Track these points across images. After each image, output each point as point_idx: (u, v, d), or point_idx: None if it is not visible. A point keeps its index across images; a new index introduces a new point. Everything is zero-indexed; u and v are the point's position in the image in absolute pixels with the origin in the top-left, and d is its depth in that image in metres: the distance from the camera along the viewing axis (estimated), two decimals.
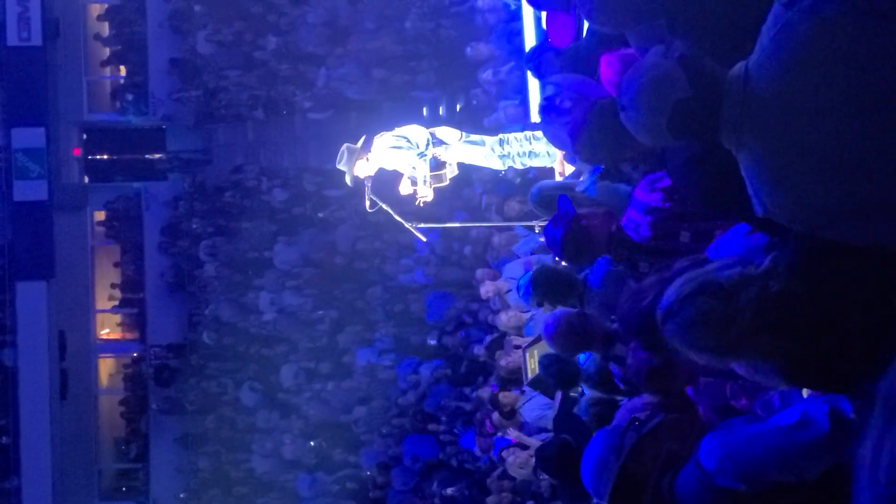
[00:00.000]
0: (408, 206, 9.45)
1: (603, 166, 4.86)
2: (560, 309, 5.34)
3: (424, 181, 8.82)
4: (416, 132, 8.88)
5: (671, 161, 3.65)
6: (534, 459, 10.15)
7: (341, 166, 8.97)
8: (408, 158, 8.78)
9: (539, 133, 8.66)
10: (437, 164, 8.94)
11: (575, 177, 6.73)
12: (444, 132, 9.04)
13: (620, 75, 4.53)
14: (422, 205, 9.02)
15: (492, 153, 9.07)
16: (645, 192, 4.33)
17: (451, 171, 9.06)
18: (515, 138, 9.02)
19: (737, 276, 2.65)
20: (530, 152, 8.99)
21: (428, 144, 8.79)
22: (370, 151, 8.88)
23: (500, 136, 9.10)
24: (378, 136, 8.96)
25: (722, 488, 3.02)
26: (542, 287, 5.57)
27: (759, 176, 2.70)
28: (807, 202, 2.63)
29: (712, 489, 3.05)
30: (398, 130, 8.91)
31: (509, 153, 9.04)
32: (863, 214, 2.59)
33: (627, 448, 3.55)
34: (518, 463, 11.08)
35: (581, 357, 5.53)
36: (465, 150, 9.04)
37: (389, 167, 8.94)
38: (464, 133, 9.17)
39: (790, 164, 2.63)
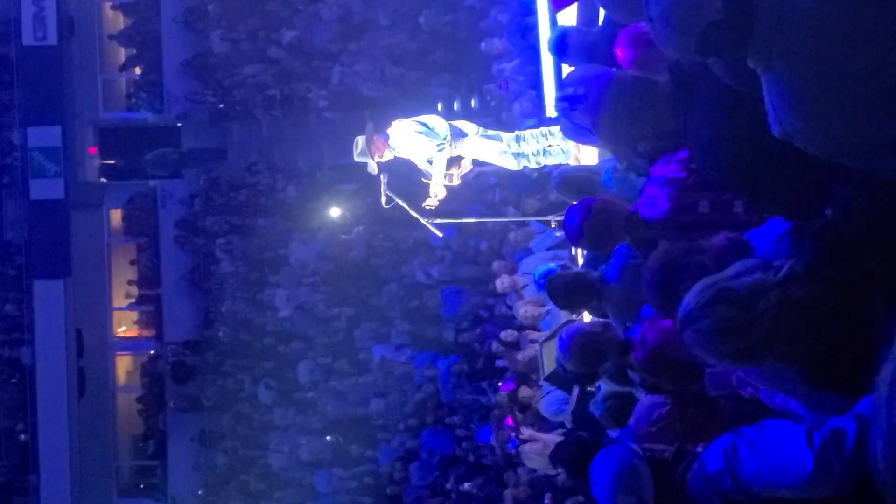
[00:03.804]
0: (424, 202, 9.42)
1: (623, 149, 4.83)
2: (571, 328, 5.33)
3: (444, 176, 8.79)
4: (435, 120, 8.85)
5: (694, 138, 3.62)
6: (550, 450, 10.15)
7: (359, 157, 8.93)
8: (427, 149, 8.74)
9: (555, 129, 8.64)
10: (452, 161, 8.92)
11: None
12: (462, 124, 9.03)
13: (633, 49, 4.52)
14: (434, 205, 8.97)
15: (507, 150, 9.05)
16: (662, 167, 4.32)
17: (465, 167, 9.03)
18: (532, 135, 9.00)
19: (755, 285, 2.64)
20: (545, 150, 8.96)
21: (447, 136, 8.75)
22: (389, 137, 8.83)
23: (517, 132, 9.08)
24: (397, 121, 8.93)
25: (726, 493, 3.02)
26: (560, 296, 5.55)
27: (782, 99, 2.66)
28: (830, 132, 2.60)
29: (717, 492, 3.06)
30: (418, 117, 8.89)
31: (525, 152, 9.02)
32: (888, 149, 2.57)
33: (637, 447, 3.54)
34: (535, 450, 11.07)
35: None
36: (482, 144, 9.01)
37: (406, 155, 8.89)
38: (481, 128, 9.14)
39: (819, 93, 2.59)
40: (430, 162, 8.85)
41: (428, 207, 8.94)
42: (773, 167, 3.22)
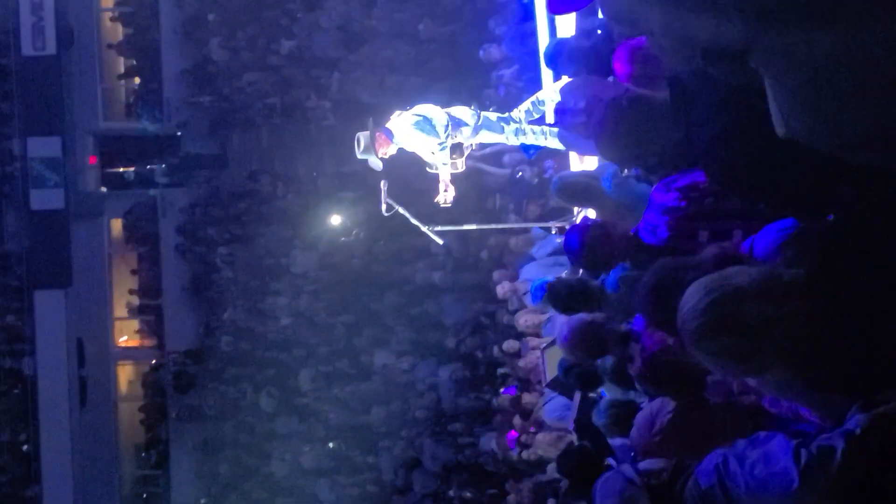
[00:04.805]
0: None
1: (626, 166, 4.83)
2: (574, 317, 5.32)
3: (449, 172, 8.76)
4: (433, 111, 8.82)
5: (698, 143, 3.61)
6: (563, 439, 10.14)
7: (362, 155, 8.88)
8: (428, 145, 8.71)
9: (555, 130, 8.61)
10: (454, 147, 8.87)
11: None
12: (459, 111, 8.98)
13: (631, 65, 4.52)
14: (447, 201, 8.90)
15: (506, 140, 9.07)
16: (661, 193, 4.31)
17: (468, 150, 8.99)
18: (532, 130, 8.99)
19: (760, 314, 2.63)
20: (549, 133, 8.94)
21: (447, 127, 8.71)
22: (392, 133, 8.80)
23: (517, 125, 9.03)
24: (396, 114, 8.90)
25: None
26: (560, 301, 5.56)
27: (785, 97, 2.67)
28: (834, 127, 2.61)
29: None
30: (416, 109, 8.85)
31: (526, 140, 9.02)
32: (883, 140, 2.56)
33: (635, 475, 3.53)
34: (548, 441, 11.04)
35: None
36: (482, 133, 8.98)
37: (410, 148, 8.85)
38: (480, 113, 9.05)
39: (820, 88, 2.60)
40: (433, 154, 8.81)
41: (444, 205, 8.90)
42: (777, 162, 3.22)
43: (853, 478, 2.67)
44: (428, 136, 8.65)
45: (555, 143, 8.78)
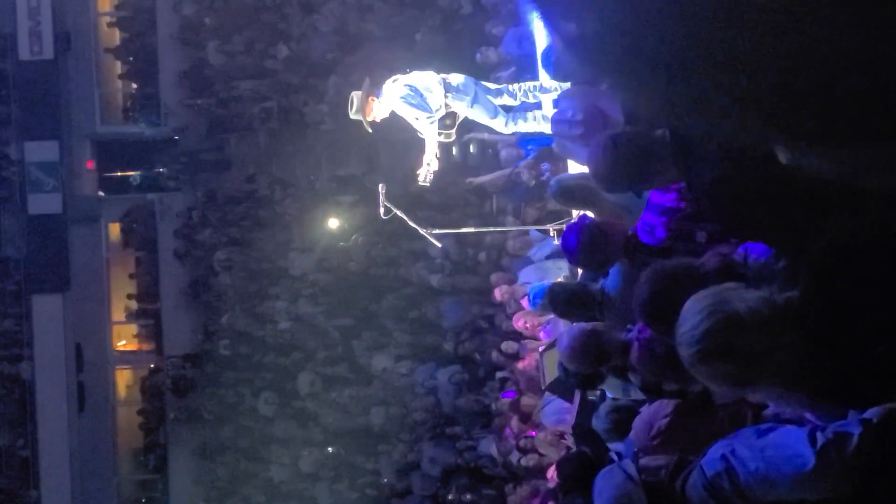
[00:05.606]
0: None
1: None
2: (574, 327, 5.31)
3: (436, 146, 8.77)
4: (428, 82, 8.83)
5: (696, 181, 3.60)
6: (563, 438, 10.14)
7: (355, 115, 8.94)
8: (418, 117, 8.74)
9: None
10: (447, 116, 8.88)
11: None
12: (454, 78, 9.00)
13: None
14: (427, 179, 8.91)
15: (495, 125, 9.10)
16: (659, 194, 4.31)
17: (460, 117, 9.00)
18: (534, 117, 9.00)
19: (757, 346, 2.65)
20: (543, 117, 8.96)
21: (439, 107, 8.71)
22: (382, 95, 8.85)
23: (513, 105, 9.03)
24: (391, 79, 8.95)
25: (724, 497, 3.04)
26: (560, 306, 5.54)
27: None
28: (834, 156, 2.62)
29: (715, 497, 3.07)
30: (411, 79, 8.87)
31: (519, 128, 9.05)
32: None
33: (634, 472, 3.53)
34: (548, 440, 11.03)
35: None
36: (475, 111, 8.99)
37: (400, 113, 8.90)
38: (477, 88, 9.02)
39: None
40: (419, 121, 8.85)
41: (422, 182, 8.92)
42: (775, 202, 3.21)
43: (868, 462, 2.70)
44: (416, 111, 8.70)
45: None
